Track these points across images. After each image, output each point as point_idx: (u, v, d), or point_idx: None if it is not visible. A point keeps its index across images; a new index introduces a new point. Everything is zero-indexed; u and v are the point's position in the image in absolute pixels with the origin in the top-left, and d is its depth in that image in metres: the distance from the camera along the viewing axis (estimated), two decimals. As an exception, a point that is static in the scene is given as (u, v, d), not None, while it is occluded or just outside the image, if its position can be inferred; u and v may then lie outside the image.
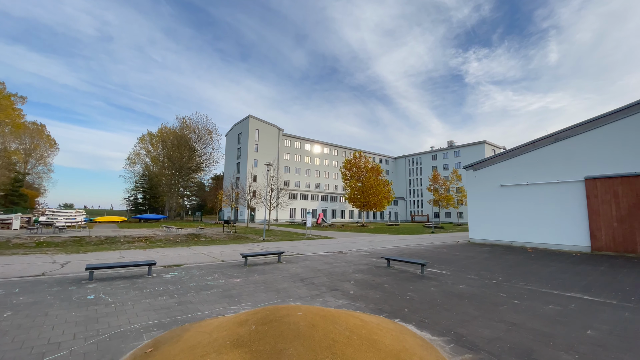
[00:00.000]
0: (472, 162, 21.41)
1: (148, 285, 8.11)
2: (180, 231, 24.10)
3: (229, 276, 9.44)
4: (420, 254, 15.68)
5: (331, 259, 13.54)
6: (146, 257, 12.84)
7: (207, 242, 19.57)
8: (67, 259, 12.07)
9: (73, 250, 14.49)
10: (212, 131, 63.91)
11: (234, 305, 6.56)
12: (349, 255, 14.90)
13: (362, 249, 17.29)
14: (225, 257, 13.51)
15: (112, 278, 8.80)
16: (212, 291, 7.64)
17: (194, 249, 15.89)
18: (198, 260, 12.48)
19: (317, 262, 12.58)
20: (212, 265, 11.36)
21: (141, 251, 14.77)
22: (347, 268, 11.28)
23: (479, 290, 8.38)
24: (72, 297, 6.81)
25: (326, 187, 70.00)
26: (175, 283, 8.38)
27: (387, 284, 8.88)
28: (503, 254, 15.83)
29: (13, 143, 59.24)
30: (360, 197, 43.66)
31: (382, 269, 11.26)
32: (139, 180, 69.41)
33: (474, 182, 21.05)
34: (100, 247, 16.24)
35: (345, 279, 9.36)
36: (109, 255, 13.11)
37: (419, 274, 10.44)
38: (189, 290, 7.63)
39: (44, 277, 8.80)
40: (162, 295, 7.18)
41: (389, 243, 21.28)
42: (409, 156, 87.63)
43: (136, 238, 19.89)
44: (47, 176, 72.90)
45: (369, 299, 7.25)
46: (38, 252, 13.86)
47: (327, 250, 16.47)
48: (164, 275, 9.37)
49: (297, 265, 11.72)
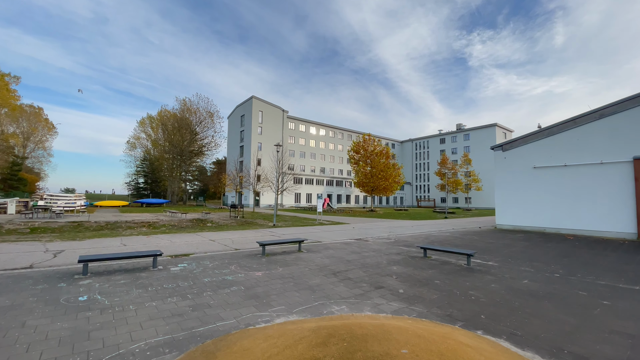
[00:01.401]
0: (500, 143, 19.75)
1: (154, 281, 6.73)
2: (185, 216, 22.81)
3: (247, 268, 8.07)
4: (450, 241, 14.32)
5: (355, 247, 12.18)
6: (150, 245, 11.50)
7: (215, 228, 18.26)
8: (61, 247, 10.73)
9: (69, 237, 13.17)
10: (214, 114, 61.91)
11: (264, 310, 5.18)
12: (372, 242, 13.54)
13: (383, 236, 15.95)
14: (238, 244, 12.17)
15: (110, 271, 7.44)
16: (232, 289, 6.26)
17: (201, 235, 14.56)
18: (208, 248, 11.13)
19: (341, 251, 11.22)
20: (225, 254, 10.01)
21: (144, 238, 13.45)
22: (379, 259, 9.91)
23: (549, 286, 7.01)
24: (59, 299, 5.43)
25: (331, 171, 68.41)
26: (186, 278, 7.00)
27: (436, 279, 7.50)
28: (541, 241, 14.45)
29: (10, 126, 57.58)
30: (368, 181, 42.05)
31: (419, 259, 9.89)
32: (140, 164, 68.05)
33: (502, 164, 19.44)
34: (99, 233, 14.93)
35: (384, 273, 7.98)
36: (109, 243, 11.78)
37: (465, 265, 9.07)
38: (203, 288, 6.25)
39: (31, 270, 7.44)
40: (171, 295, 5.80)
41: (407, 229, 19.94)
42: (415, 140, 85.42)
43: (138, 223, 18.60)
44: (47, 160, 71.48)
45: (427, 301, 5.87)
46: (31, 239, 12.54)
47: (346, 237, 15.13)
48: (171, 267, 8.00)
49: (321, 254, 10.36)
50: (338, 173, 69.86)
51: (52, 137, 70.79)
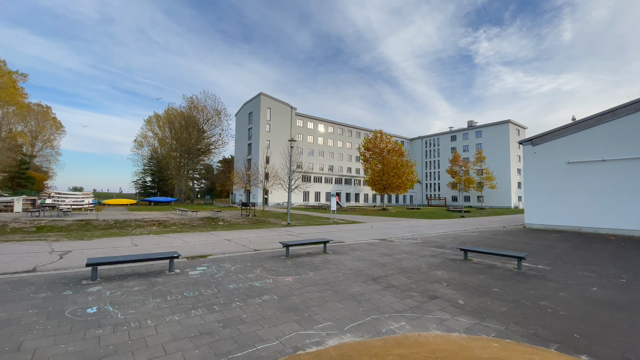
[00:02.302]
0: (529, 137, 18.55)
1: (172, 287, 5.86)
2: (195, 214, 22.03)
3: (274, 273, 7.17)
4: (482, 242, 13.29)
5: (383, 248, 11.22)
6: (162, 245, 10.67)
7: (227, 227, 17.44)
8: (68, 247, 9.95)
9: (77, 236, 12.42)
10: (221, 111, 61.19)
11: (309, 327, 4.26)
12: (398, 243, 12.58)
13: (407, 236, 14.96)
14: (256, 244, 11.29)
15: (122, 276, 6.59)
16: (264, 299, 5.36)
17: (215, 235, 13.72)
18: (226, 249, 10.26)
19: (369, 252, 10.28)
20: (245, 256, 9.13)
21: (155, 237, 12.65)
22: (416, 261, 8.95)
23: (626, 294, 6.09)
24: (64, 311, 4.57)
25: (339, 169, 67.32)
26: (208, 284, 6.12)
27: (493, 286, 6.52)
28: (583, 242, 13.35)
29: (18, 125, 57.55)
30: (380, 179, 40.87)
31: (461, 263, 8.91)
32: (147, 163, 67.65)
33: (532, 159, 18.27)
34: (108, 232, 14.18)
35: (430, 279, 7.02)
36: (119, 243, 10.98)
37: (515, 270, 8.08)
38: (231, 297, 5.36)
39: (34, 274, 6.62)
40: (195, 306, 4.91)
41: (428, 228, 18.91)
42: (425, 137, 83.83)
43: (148, 222, 17.85)
44: (55, 159, 71.61)
45: (498, 315, 4.91)
46: (36, 238, 11.81)
47: (369, 237, 14.17)
48: (190, 271, 7.13)
49: (349, 257, 9.42)
50: (347, 171, 68.77)
51: (60, 135, 70.89)
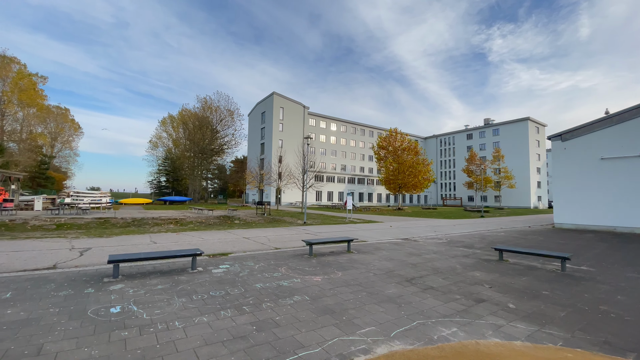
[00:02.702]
0: (559, 132, 17.59)
1: (197, 286, 5.53)
2: (211, 213, 21.92)
3: (300, 272, 6.77)
4: (511, 241, 12.59)
5: (409, 248, 10.70)
6: (182, 242, 10.44)
7: (244, 225, 17.19)
8: (88, 244, 9.82)
9: (96, 234, 12.35)
10: (234, 112, 61.43)
11: (351, 331, 3.83)
12: (423, 243, 12.02)
13: (430, 235, 14.36)
14: (276, 243, 10.94)
15: (144, 274, 6.31)
16: (295, 299, 4.96)
17: (233, 233, 13.46)
18: (246, 247, 9.94)
19: (395, 252, 9.78)
20: (267, 254, 8.77)
21: (174, 235, 12.46)
22: (448, 262, 8.41)
23: (703, 303, 5.37)
24: (87, 310, 4.28)
25: (352, 168, 66.62)
26: (233, 283, 5.77)
27: (540, 288, 5.96)
28: (620, 242, 12.50)
29: (38, 127, 59.17)
30: (395, 178, 40.03)
31: (497, 263, 8.33)
32: (162, 163, 68.64)
33: (562, 155, 17.36)
34: (126, 230, 14.10)
35: (469, 281, 6.50)
36: (138, 240, 10.81)
37: (558, 271, 7.46)
38: (260, 297, 4.98)
39: (54, 271, 6.42)
40: (223, 306, 4.55)
41: (450, 228, 18.21)
42: (440, 136, 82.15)
43: (165, 220, 17.78)
44: (74, 160, 73.42)
45: (558, 320, 4.38)
46: (56, 235, 11.77)
47: (391, 237, 13.65)
48: (213, 269, 6.80)
49: (375, 256, 8.95)
50: (359, 170, 68.02)
51: (79, 137, 72.69)
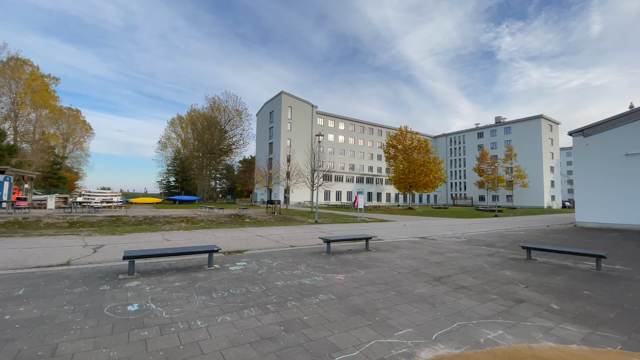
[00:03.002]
0: (580, 128, 16.93)
1: (215, 283, 5.26)
2: (222, 212, 21.78)
3: (321, 270, 6.46)
4: (535, 240, 12.08)
5: (429, 246, 10.30)
6: (195, 240, 10.22)
7: (255, 224, 16.96)
8: (101, 241, 9.67)
9: (109, 231, 12.24)
10: (242, 111, 61.54)
11: (387, 333, 3.50)
12: (442, 241, 11.60)
13: (447, 234, 13.92)
14: (290, 241, 10.65)
15: (160, 270, 6.07)
16: (321, 298, 4.65)
17: (245, 231, 13.22)
18: (260, 244, 9.68)
19: (416, 250, 9.40)
20: (283, 252, 8.49)
21: (186, 233, 12.28)
22: (473, 261, 8.01)
23: None
24: (103, 308, 4.04)
25: (360, 168, 66.13)
26: (253, 280, 5.49)
27: (580, 288, 5.54)
28: (652, 242, 11.89)
29: (51, 128, 60.15)
30: (406, 177, 39.39)
31: (524, 262, 7.90)
32: (171, 163, 69.23)
33: (583, 152, 16.71)
34: (138, 228, 13.98)
35: (502, 280, 6.11)
36: (150, 237, 10.64)
37: (593, 270, 7.00)
38: (283, 296, 4.69)
39: (68, 267, 6.22)
40: (246, 304, 4.26)
41: (466, 227, 17.71)
42: (449, 135, 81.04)
43: (176, 218, 17.67)
44: (85, 160, 74.52)
45: (610, 322, 3.98)
46: (69, 232, 11.68)
47: (407, 236, 13.26)
48: (230, 266, 6.54)
49: (396, 254, 8.59)
50: (368, 170, 67.48)
51: (90, 138, 73.81)
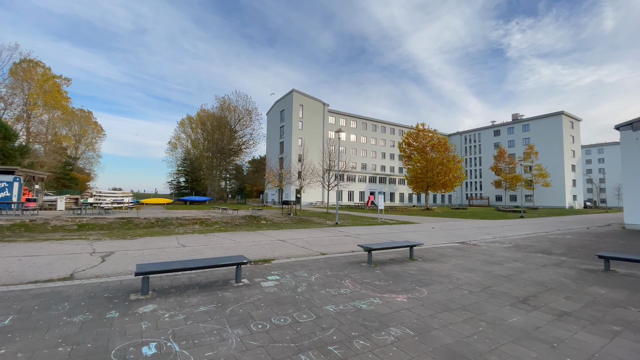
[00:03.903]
0: (629, 120, 15.34)
1: (250, 307, 4.17)
2: (236, 213, 20.82)
3: (371, 287, 5.32)
4: (589, 245, 10.70)
5: (477, 253, 9.06)
6: (213, 245, 9.19)
7: (272, 226, 15.91)
8: (110, 247, 8.70)
9: (119, 235, 11.31)
10: (252, 111, 60.74)
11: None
12: (487, 247, 10.34)
13: (486, 238, 12.63)
14: (318, 247, 9.53)
15: (179, 287, 5.01)
16: (395, 334, 3.50)
17: (265, 235, 12.16)
18: (287, 252, 8.59)
19: (466, 259, 8.18)
20: (316, 261, 7.38)
21: (201, 237, 11.28)
22: (544, 273, 6.76)
23: None
24: (110, 350, 2.96)
25: (373, 167, 64.66)
26: (296, 304, 4.38)
27: None
28: None
29: (63, 129, 60.41)
30: (424, 177, 37.74)
31: (604, 275, 6.61)
32: (181, 164, 68.98)
33: (633, 146, 15.18)
34: (151, 231, 13.05)
35: (603, 301, 4.86)
36: (164, 243, 9.64)
37: None
38: (344, 330, 3.55)
39: (71, 283, 5.21)
40: (300, 345, 3.14)
41: (500, 230, 16.35)
42: (464, 133, 78.82)
43: (190, 220, 16.73)
44: (96, 161, 75.02)
45: None
46: (77, 237, 10.79)
47: (443, 240, 12.03)
48: (261, 281, 5.45)
49: (447, 265, 7.40)
50: (380, 169, 65.96)
51: (101, 139, 74.20)
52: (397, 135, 69.75)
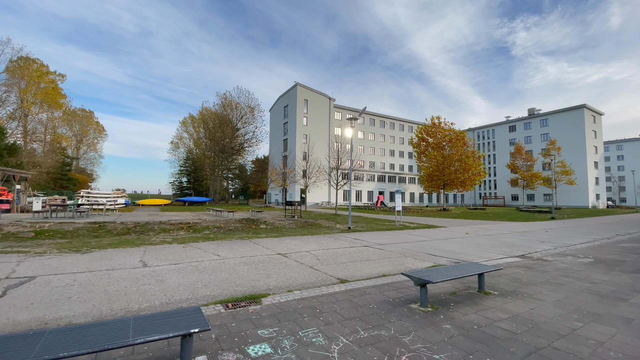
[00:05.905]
0: None
1: None
2: (232, 216, 18.21)
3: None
4: None
5: (565, 277, 6.29)
6: (185, 264, 6.53)
7: (273, 232, 13.26)
8: (41, 267, 6.10)
9: (75, 247, 8.74)
10: (255, 108, 58.22)
11: None
12: (562, 264, 7.56)
13: (545, 248, 9.84)
14: (332, 266, 6.83)
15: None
16: None
17: (262, 245, 9.49)
18: (288, 277, 5.90)
19: (560, 288, 5.42)
20: (334, 298, 4.68)
21: (179, 248, 8.66)
22: None
23: None
24: None
25: (382, 165, 61.58)
26: None
27: None
28: None
29: (63, 128, 58.62)
30: (441, 174, 34.55)
31: None
32: (183, 164, 66.97)
33: None
34: (121, 239, 10.48)
35: None
36: (123, 260, 7.03)
37: None
38: None
39: None
40: None
41: (543, 234, 13.53)
42: (477, 129, 75.23)
43: (176, 225, 14.14)
44: (98, 162, 73.14)
45: None
46: (17, 248, 8.24)
47: (493, 253, 9.27)
48: (235, 354, 2.75)
49: (545, 305, 4.66)
50: (389, 168, 62.91)
51: (103, 139, 72.32)
52: (406, 131, 66.68)
